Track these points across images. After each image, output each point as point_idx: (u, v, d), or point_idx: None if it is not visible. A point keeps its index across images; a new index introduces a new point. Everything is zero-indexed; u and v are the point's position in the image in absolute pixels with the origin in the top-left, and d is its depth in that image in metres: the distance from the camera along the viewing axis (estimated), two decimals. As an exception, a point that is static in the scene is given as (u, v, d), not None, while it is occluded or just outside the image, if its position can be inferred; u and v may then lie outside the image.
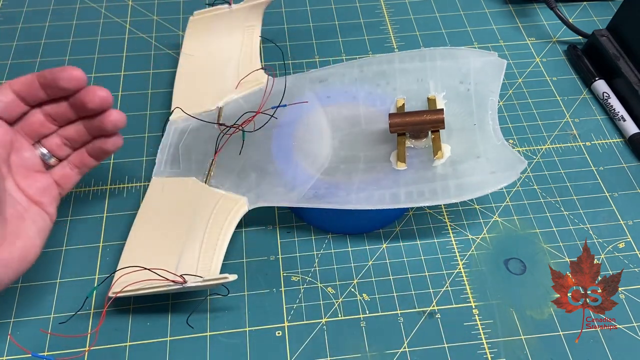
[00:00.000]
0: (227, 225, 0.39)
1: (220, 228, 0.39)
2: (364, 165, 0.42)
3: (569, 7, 0.59)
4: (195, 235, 0.38)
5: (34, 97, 0.36)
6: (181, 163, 0.44)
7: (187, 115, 0.45)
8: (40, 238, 0.35)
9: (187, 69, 0.50)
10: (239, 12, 0.51)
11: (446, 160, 0.40)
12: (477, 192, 0.38)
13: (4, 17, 0.57)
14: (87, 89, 0.36)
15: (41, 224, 0.36)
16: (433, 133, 0.41)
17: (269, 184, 0.41)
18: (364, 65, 0.46)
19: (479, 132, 0.41)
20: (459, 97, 0.43)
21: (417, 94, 0.44)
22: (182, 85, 0.49)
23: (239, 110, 0.45)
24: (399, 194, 0.39)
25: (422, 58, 0.45)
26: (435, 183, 0.39)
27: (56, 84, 0.35)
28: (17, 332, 0.38)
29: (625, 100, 0.50)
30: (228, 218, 0.39)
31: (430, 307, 0.39)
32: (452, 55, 0.45)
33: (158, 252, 0.38)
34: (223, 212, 0.40)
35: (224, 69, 0.49)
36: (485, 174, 0.39)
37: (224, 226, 0.39)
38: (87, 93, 0.36)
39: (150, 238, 0.40)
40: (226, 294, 0.38)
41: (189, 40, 0.51)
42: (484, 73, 0.44)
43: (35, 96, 0.36)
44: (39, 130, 0.37)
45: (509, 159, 0.39)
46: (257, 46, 0.50)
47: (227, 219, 0.39)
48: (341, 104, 0.45)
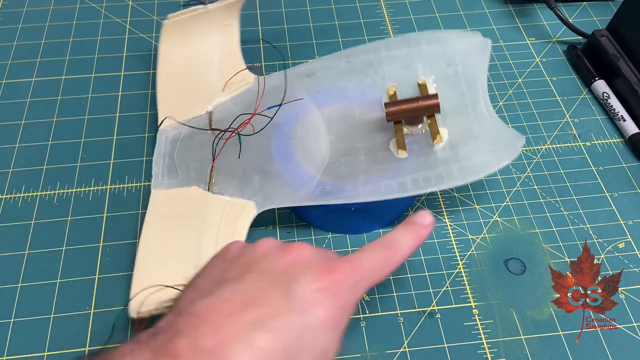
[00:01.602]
0: (239, 232, 0.38)
1: (232, 235, 0.38)
2: (365, 156, 0.42)
3: (569, 7, 0.59)
4: (208, 245, 0.38)
5: None
6: (179, 172, 0.42)
7: (176, 123, 0.44)
8: None
9: (168, 75, 0.48)
10: (215, 11, 0.48)
11: (445, 143, 0.40)
12: (481, 173, 0.38)
13: (4, 17, 0.57)
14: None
15: None
16: (429, 118, 0.41)
17: (274, 186, 0.41)
18: (351, 56, 0.46)
19: (472, 112, 0.41)
20: (448, 79, 0.43)
21: (406, 80, 0.44)
22: (166, 92, 0.47)
23: (229, 112, 0.45)
24: (405, 182, 0.39)
25: (407, 44, 0.45)
26: (438, 168, 0.39)
27: None
28: (17, 332, 0.38)
29: (625, 100, 0.50)
30: (237, 224, 0.39)
31: (430, 307, 0.39)
32: (436, 38, 0.45)
33: (173, 266, 0.37)
34: (232, 219, 0.39)
35: (207, 71, 0.48)
36: (486, 153, 0.39)
37: (235, 233, 0.38)
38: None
39: (162, 252, 0.38)
40: None
41: (165, 46, 0.49)
42: (470, 54, 0.44)
43: None
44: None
45: (506, 136, 0.39)
46: (237, 45, 0.49)
47: (237, 226, 0.38)
48: (332, 96, 0.45)
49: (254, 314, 0.24)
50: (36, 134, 0.48)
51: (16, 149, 0.47)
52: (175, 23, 0.48)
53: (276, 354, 0.24)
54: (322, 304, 0.26)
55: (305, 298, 0.26)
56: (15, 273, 0.40)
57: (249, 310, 0.25)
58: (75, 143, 0.47)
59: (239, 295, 0.26)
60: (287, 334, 0.24)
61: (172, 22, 0.48)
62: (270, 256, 0.29)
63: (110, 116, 0.49)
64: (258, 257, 0.29)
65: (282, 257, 0.28)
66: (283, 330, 0.24)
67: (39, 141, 0.48)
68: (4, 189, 0.45)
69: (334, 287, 0.26)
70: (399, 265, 0.31)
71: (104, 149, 0.47)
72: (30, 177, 0.45)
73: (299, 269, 0.27)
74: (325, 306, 0.26)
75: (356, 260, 0.28)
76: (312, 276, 0.26)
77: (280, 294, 0.26)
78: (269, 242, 0.30)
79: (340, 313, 0.27)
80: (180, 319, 0.25)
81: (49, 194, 0.44)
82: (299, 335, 0.25)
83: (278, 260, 0.28)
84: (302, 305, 0.25)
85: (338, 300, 0.26)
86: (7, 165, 0.46)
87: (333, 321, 0.26)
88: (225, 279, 0.27)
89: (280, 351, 0.24)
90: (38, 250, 0.41)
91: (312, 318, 0.25)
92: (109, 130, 0.48)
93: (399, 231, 0.31)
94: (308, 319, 0.25)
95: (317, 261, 0.28)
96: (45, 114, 0.49)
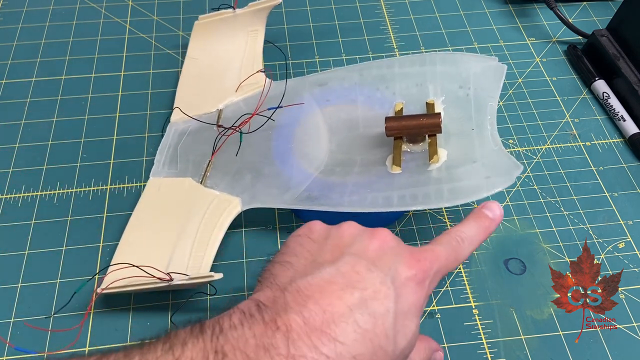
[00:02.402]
0: (220, 225, 0.39)
1: (213, 228, 0.39)
2: (359, 168, 0.42)
3: (569, 7, 0.59)
4: (188, 235, 0.39)
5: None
6: (179, 164, 0.44)
7: (187, 117, 0.46)
8: None
9: (191, 72, 0.50)
10: (242, 16, 0.51)
11: (442, 164, 0.40)
12: (471, 196, 0.37)
13: (4, 17, 0.57)
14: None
15: None
16: (430, 137, 0.41)
17: (264, 185, 0.41)
18: (364, 70, 0.46)
19: (477, 137, 0.41)
20: (458, 101, 0.43)
21: (416, 98, 0.44)
22: (185, 87, 0.49)
23: (238, 112, 0.45)
24: (392, 197, 0.38)
25: (422, 62, 0.45)
26: (429, 187, 0.38)
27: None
28: (17, 332, 0.38)
29: (625, 100, 0.50)
30: (221, 218, 0.39)
31: (430, 307, 0.39)
32: (452, 60, 0.45)
33: (150, 251, 0.39)
34: (216, 212, 0.40)
35: (227, 72, 0.49)
36: (480, 178, 0.38)
37: (216, 226, 0.39)
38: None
39: (144, 237, 0.40)
40: (214, 294, 0.38)
41: (193, 44, 0.52)
42: (484, 77, 0.43)
43: None
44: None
45: (505, 164, 0.38)
46: (260, 50, 0.50)
47: (220, 219, 0.39)
48: (340, 107, 0.45)
49: (356, 297, 0.26)
50: (36, 134, 0.48)
51: (16, 149, 0.47)
52: (205, 25, 0.52)
53: (377, 336, 0.25)
54: (413, 291, 0.28)
55: (400, 284, 0.27)
56: (15, 273, 0.40)
57: (351, 293, 0.26)
58: (75, 143, 0.48)
59: (339, 277, 0.26)
60: (387, 317, 0.26)
61: (202, 24, 0.52)
62: (358, 240, 0.29)
63: (110, 116, 0.49)
64: (347, 240, 0.30)
65: (371, 241, 0.29)
66: (383, 313, 0.26)
67: (39, 141, 0.48)
68: (4, 189, 0.45)
69: (421, 275, 0.28)
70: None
71: (104, 149, 0.47)
72: (30, 177, 0.45)
73: (389, 255, 0.28)
74: (415, 293, 0.28)
75: (435, 252, 0.30)
76: (405, 264, 0.28)
77: (378, 278, 0.27)
78: (352, 225, 0.31)
79: (424, 300, 0.29)
80: (285, 295, 0.26)
81: (49, 194, 0.44)
82: (395, 319, 0.26)
83: (368, 244, 0.29)
84: (397, 291, 0.27)
85: (424, 289, 0.28)
86: (7, 165, 0.46)
87: (419, 308, 0.28)
88: (320, 260, 0.28)
89: (380, 333, 0.25)
90: (38, 250, 0.41)
91: (405, 303, 0.27)
92: (109, 130, 0.48)
93: (470, 225, 0.33)
94: (402, 304, 0.27)
95: (403, 249, 0.29)
96: (45, 114, 0.49)
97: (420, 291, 0.28)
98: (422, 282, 0.28)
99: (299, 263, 0.29)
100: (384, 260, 0.28)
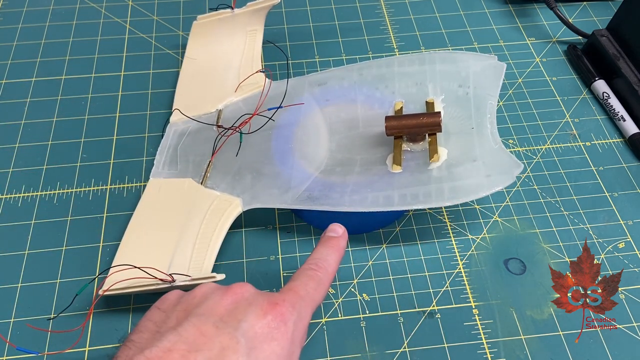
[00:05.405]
0: (221, 226, 0.39)
1: (214, 228, 0.39)
2: (359, 168, 0.42)
3: (569, 7, 0.59)
4: (189, 235, 0.39)
5: None
6: (179, 164, 0.44)
7: (186, 117, 0.46)
8: None
9: (189, 72, 0.50)
10: (241, 16, 0.51)
11: (442, 163, 0.40)
12: (471, 195, 0.38)
13: (4, 17, 0.57)
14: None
15: None
16: (430, 136, 0.41)
17: (264, 186, 0.41)
18: (364, 69, 0.46)
19: (477, 135, 0.41)
20: (457, 100, 0.43)
21: (416, 97, 0.44)
22: (184, 88, 0.49)
23: (238, 112, 0.45)
24: (392, 196, 0.38)
25: (421, 62, 0.45)
26: (429, 186, 0.38)
27: None
28: (17, 332, 0.38)
29: (625, 100, 0.50)
30: (222, 219, 0.39)
31: (430, 307, 0.39)
32: (452, 59, 0.45)
33: (151, 252, 0.39)
34: (217, 213, 0.40)
35: (226, 72, 0.49)
36: (480, 177, 0.38)
37: (217, 226, 0.39)
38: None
39: (145, 238, 0.40)
40: None
41: (192, 44, 0.52)
42: (483, 76, 0.43)
43: None
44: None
45: (506, 162, 0.38)
46: (259, 50, 0.50)
47: (221, 220, 0.39)
48: (340, 106, 0.45)
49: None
50: (36, 134, 0.48)
51: (16, 149, 0.47)
52: (203, 25, 0.52)
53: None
54: (270, 337, 0.27)
55: (254, 335, 0.26)
56: (15, 273, 0.40)
57: (195, 358, 0.24)
58: (75, 143, 0.48)
59: (181, 343, 0.25)
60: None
61: (200, 24, 0.52)
62: (210, 299, 0.28)
63: (110, 116, 0.49)
64: (197, 301, 0.28)
65: (223, 298, 0.28)
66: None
67: (39, 141, 0.48)
68: (4, 189, 0.45)
69: (279, 318, 0.27)
70: (332, 281, 0.32)
71: (104, 149, 0.47)
72: (30, 177, 0.45)
73: (241, 308, 0.27)
74: (274, 339, 0.27)
75: (293, 290, 0.29)
76: (258, 313, 0.27)
77: (227, 335, 0.26)
78: (207, 286, 0.30)
79: (290, 344, 0.27)
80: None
81: (49, 194, 0.44)
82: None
83: (220, 301, 0.28)
84: (252, 342, 0.26)
85: (286, 332, 0.27)
86: (7, 165, 0.46)
87: (285, 352, 0.27)
88: (164, 329, 0.27)
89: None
90: (38, 250, 0.41)
91: (263, 353, 0.26)
92: (109, 130, 0.48)
93: (318, 250, 0.33)
94: (258, 353, 0.26)
95: (258, 298, 0.28)
96: (45, 114, 0.49)
97: (282, 335, 0.27)
98: (282, 324, 0.27)
99: (141, 339, 0.27)
100: (234, 314, 0.27)
